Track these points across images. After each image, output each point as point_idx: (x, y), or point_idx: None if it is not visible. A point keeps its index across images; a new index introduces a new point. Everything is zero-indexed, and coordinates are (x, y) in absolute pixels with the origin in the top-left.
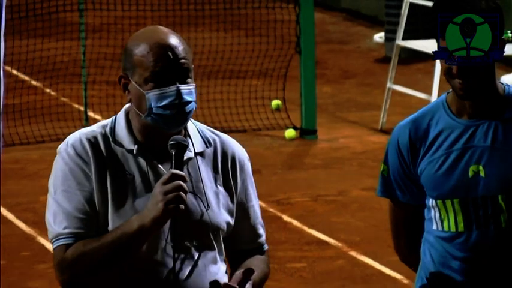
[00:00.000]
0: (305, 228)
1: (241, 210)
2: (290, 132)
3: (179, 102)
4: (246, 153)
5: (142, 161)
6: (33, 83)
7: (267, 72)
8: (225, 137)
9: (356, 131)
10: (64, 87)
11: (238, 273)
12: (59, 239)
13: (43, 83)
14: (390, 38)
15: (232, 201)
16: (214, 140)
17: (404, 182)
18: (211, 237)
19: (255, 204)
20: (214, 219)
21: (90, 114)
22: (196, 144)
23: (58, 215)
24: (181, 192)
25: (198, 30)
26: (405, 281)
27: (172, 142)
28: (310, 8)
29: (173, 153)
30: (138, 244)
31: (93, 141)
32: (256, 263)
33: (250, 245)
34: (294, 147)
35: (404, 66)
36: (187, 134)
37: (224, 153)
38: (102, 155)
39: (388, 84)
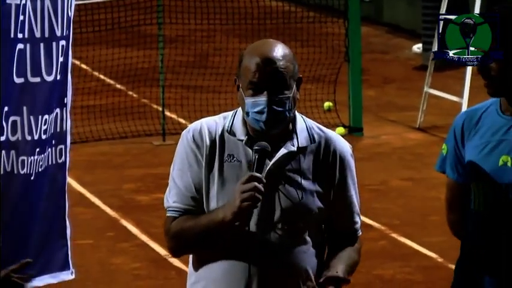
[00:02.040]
0: None
1: (339, 199)
2: (340, 130)
3: (268, 111)
4: (349, 150)
5: (249, 150)
6: (118, 86)
7: (319, 78)
8: (332, 134)
9: (396, 129)
10: (144, 90)
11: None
12: (169, 210)
13: (126, 86)
14: (427, 49)
15: (328, 190)
16: (319, 136)
17: (454, 161)
18: (302, 221)
19: (353, 195)
20: (307, 206)
21: (167, 113)
22: (301, 139)
23: (172, 189)
24: (256, 193)
25: None
26: (439, 259)
27: (257, 147)
28: (357, 22)
29: (256, 157)
30: (222, 231)
31: (209, 130)
32: (346, 254)
33: (346, 228)
34: None
35: (439, 73)
36: (294, 130)
37: (327, 149)
38: (215, 142)
39: (425, 89)
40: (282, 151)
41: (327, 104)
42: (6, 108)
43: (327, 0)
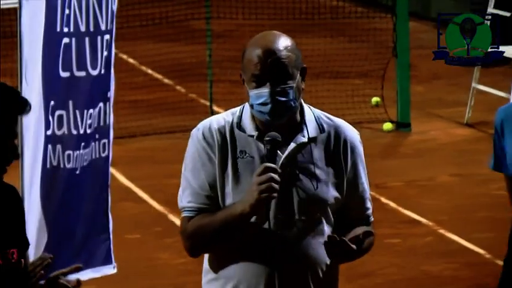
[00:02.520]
0: (399, 208)
1: (351, 186)
2: (387, 125)
3: (271, 101)
4: (358, 137)
5: (261, 145)
6: (165, 81)
7: (367, 73)
8: (340, 122)
9: (444, 124)
10: (192, 85)
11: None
12: (184, 211)
13: (173, 81)
14: None
15: (341, 179)
16: (329, 126)
17: (498, 154)
18: (319, 211)
19: (364, 182)
20: (322, 195)
21: (215, 108)
22: (310, 130)
23: (186, 189)
24: (273, 183)
25: (309, 36)
26: (487, 255)
27: (267, 138)
28: (405, 18)
29: (268, 148)
30: (241, 225)
31: (219, 127)
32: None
33: (359, 215)
34: (391, 139)
35: (486, 69)
36: (303, 121)
37: (337, 137)
38: (226, 139)
39: (473, 84)
40: (293, 144)
41: (374, 100)
42: (52, 103)
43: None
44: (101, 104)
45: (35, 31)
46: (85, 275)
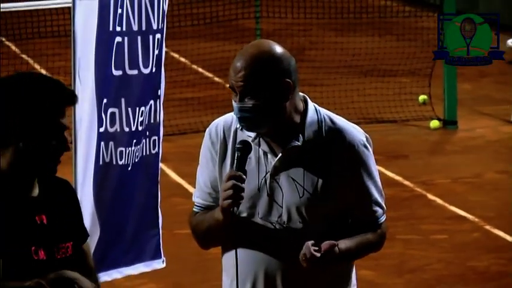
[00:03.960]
0: (446, 205)
1: (352, 191)
2: (434, 123)
3: (239, 115)
4: (361, 140)
5: (255, 146)
6: (216, 79)
7: (414, 71)
8: (343, 125)
9: (491, 122)
10: None
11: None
12: (194, 205)
13: (224, 79)
14: None
15: (337, 183)
16: (329, 129)
17: None
18: (303, 218)
19: (369, 185)
20: (309, 203)
21: None
22: (308, 133)
23: (196, 185)
24: (235, 190)
25: (357, 35)
26: None
27: (238, 146)
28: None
29: (238, 154)
30: (222, 228)
31: (225, 126)
32: (360, 236)
33: (365, 219)
34: (438, 136)
35: None
36: (303, 124)
37: (336, 141)
38: (230, 139)
39: None
40: (286, 147)
41: (422, 97)
42: (105, 100)
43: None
44: (152, 102)
45: (88, 30)
46: (136, 269)
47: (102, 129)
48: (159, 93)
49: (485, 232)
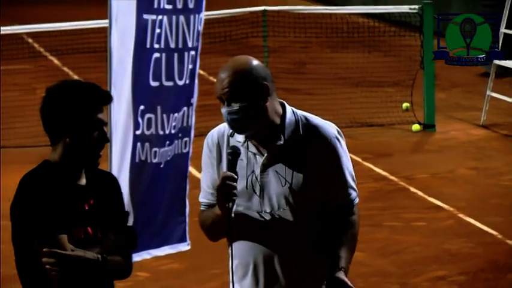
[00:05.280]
0: (425, 196)
1: (329, 178)
2: (416, 127)
3: (227, 119)
4: (333, 132)
5: (245, 149)
6: None
7: (398, 82)
8: (316, 122)
9: (463, 126)
10: None
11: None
12: (201, 205)
13: None
14: None
15: (317, 172)
16: (306, 127)
17: None
18: (291, 205)
19: (343, 172)
20: (294, 192)
21: None
22: (288, 132)
23: (201, 187)
24: (228, 188)
25: (349, 51)
26: (499, 236)
27: (229, 151)
28: (431, 35)
29: (229, 158)
30: (223, 221)
31: (218, 134)
32: (346, 239)
33: (341, 202)
34: (418, 137)
35: (499, 79)
36: (283, 125)
37: (312, 136)
38: (223, 145)
39: (487, 92)
40: (271, 147)
41: (405, 105)
42: (142, 107)
43: (405, 18)
44: (185, 108)
45: (124, 46)
46: (163, 251)
47: (138, 132)
48: (191, 101)
49: (458, 220)
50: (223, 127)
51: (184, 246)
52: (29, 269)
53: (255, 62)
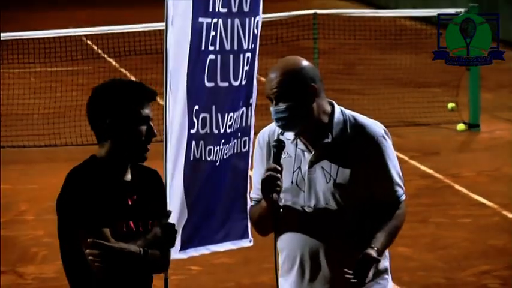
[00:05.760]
0: (471, 194)
1: (376, 175)
2: (461, 126)
3: (275, 117)
4: (380, 132)
5: (294, 146)
6: None
7: (445, 83)
8: (364, 121)
9: (508, 125)
10: None
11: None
12: (251, 201)
13: None
14: None
15: (364, 170)
16: (353, 126)
17: None
18: (336, 201)
19: (390, 169)
20: (338, 188)
21: None
22: (336, 131)
23: (253, 183)
24: (271, 180)
25: (397, 53)
26: None
27: (274, 143)
28: None
29: (274, 150)
30: (269, 214)
31: (269, 133)
32: (387, 225)
33: (387, 199)
34: (464, 137)
35: None
36: (331, 124)
37: (359, 135)
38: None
39: None
40: (319, 144)
41: (450, 105)
42: (196, 107)
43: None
44: (244, 109)
45: (180, 49)
46: (223, 247)
47: (193, 131)
48: (250, 102)
49: (503, 216)
50: (275, 126)
51: (246, 243)
52: (74, 261)
53: (304, 63)
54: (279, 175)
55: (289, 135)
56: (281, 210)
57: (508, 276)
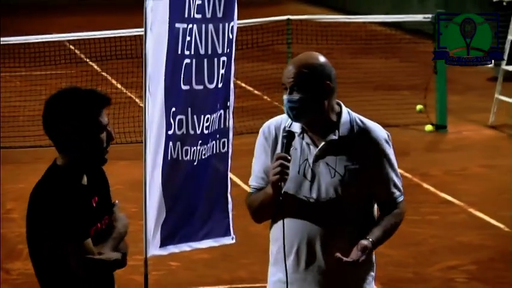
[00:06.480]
0: (439, 192)
1: (376, 176)
2: (429, 127)
3: (287, 105)
4: (383, 136)
5: (300, 139)
6: (256, 92)
7: (414, 86)
8: (370, 125)
9: (474, 126)
10: (276, 95)
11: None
12: (250, 188)
13: (262, 92)
14: (498, 64)
15: (366, 170)
16: (359, 127)
17: None
18: (338, 195)
19: (389, 172)
20: (342, 184)
21: None
22: (342, 130)
23: (252, 172)
24: (281, 168)
25: (368, 57)
26: (506, 229)
27: (284, 134)
28: None
29: (284, 140)
30: (272, 201)
31: (276, 125)
32: (384, 221)
33: (386, 199)
34: (432, 137)
35: (508, 83)
36: (339, 122)
37: (364, 137)
38: (280, 135)
39: (496, 95)
40: (325, 140)
41: (419, 107)
42: (173, 109)
43: (420, 26)
44: (221, 111)
45: (158, 53)
46: (205, 244)
47: (170, 132)
48: (228, 104)
49: (469, 214)
50: (281, 119)
51: (228, 240)
52: (54, 274)
53: (324, 61)
54: (288, 164)
55: (297, 129)
56: (281, 198)
57: (474, 270)
